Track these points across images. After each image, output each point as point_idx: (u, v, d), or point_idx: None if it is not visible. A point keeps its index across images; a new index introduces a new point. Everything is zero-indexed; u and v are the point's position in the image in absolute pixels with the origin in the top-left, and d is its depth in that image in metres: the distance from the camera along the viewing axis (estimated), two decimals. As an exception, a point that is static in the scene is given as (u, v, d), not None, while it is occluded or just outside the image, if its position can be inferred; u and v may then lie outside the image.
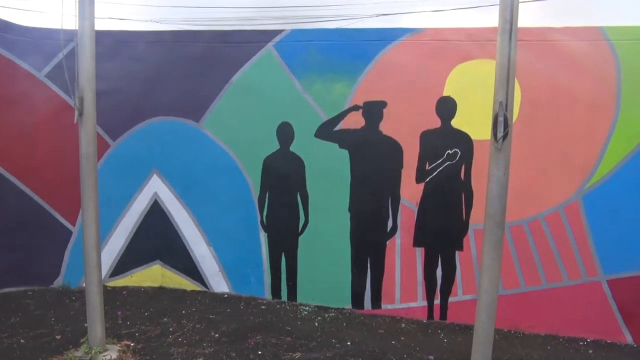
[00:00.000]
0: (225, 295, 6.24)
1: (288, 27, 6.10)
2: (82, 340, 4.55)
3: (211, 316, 5.54)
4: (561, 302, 5.37)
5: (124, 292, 6.19)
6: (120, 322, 5.27)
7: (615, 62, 5.14)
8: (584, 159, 5.26)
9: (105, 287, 5.88)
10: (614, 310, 5.27)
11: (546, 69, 5.27)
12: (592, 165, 5.24)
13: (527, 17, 5.13)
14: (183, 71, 6.13)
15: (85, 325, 4.54)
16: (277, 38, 5.90)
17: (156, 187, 6.31)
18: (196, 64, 6.10)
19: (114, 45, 6.14)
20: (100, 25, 4.66)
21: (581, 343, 5.24)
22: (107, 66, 5.96)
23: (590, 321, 5.32)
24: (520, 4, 3.66)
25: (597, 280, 5.30)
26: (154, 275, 6.40)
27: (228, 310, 5.77)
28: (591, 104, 5.21)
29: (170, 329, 5.17)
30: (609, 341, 5.27)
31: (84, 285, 4.54)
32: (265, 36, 5.97)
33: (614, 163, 5.20)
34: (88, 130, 4.27)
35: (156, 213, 6.32)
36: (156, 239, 6.34)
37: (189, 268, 6.34)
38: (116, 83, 6.15)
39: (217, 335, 5.05)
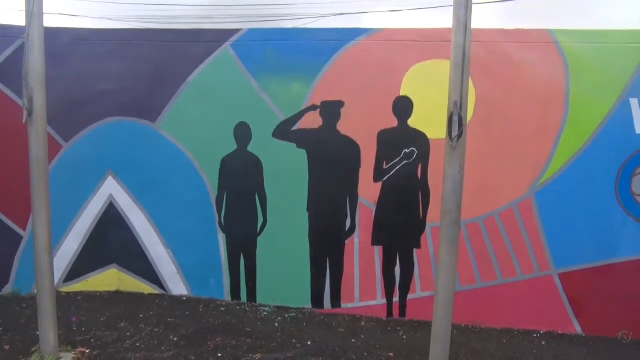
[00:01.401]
0: (184, 298, 6.15)
1: (247, 26, 6.05)
2: (33, 350, 4.40)
3: (170, 319, 5.45)
4: (516, 296, 5.52)
5: (79, 298, 6.01)
6: (74, 328, 5.12)
7: (564, 63, 5.31)
8: (536, 157, 5.42)
9: (58, 292, 5.68)
10: (564, 303, 5.46)
11: (500, 69, 5.40)
12: (544, 163, 5.40)
13: (482, 19, 5.24)
14: (138, 70, 5.99)
15: (37, 333, 4.39)
16: (234, 37, 5.84)
17: (111, 189, 6.16)
18: (152, 63, 5.98)
19: (66, 43, 5.95)
20: (51, 21, 4.52)
21: (535, 335, 5.41)
22: (59, 65, 5.78)
23: (543, 314, 5.50)
24: (474, 6, 3.72)
25: (549, 274, 5.47)
26: (110, 279, 6.24)
27: (187, 312, 5.69)
28: (542, 104, 5.37)
29: (128, 333, 5.07)
30: (560, 332, 5.46)
31: (35, 291, 4.40)
32: (221, 35, 5.90)
33: (564, 161, 5.38)
34: (38, 131, 4.14)
35: (112, 216, 6.16)
36: (112, 242, 6.18)
37: (147, 271, 6.21)
38: (69, 82, 5.96)
39: (176, 338, 4.98)
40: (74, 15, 6.76)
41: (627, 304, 5.32)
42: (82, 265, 6.20)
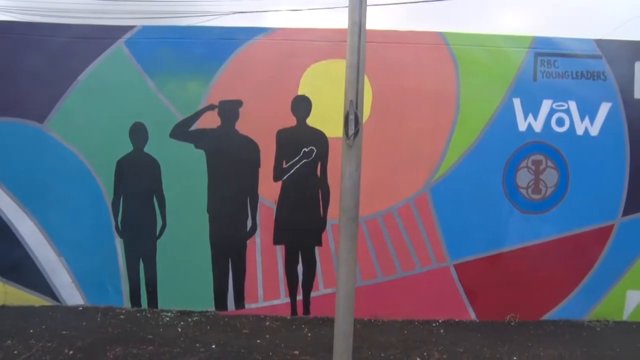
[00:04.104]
0: (80, 308, 5.84)
1: (143, 23, 5.83)
2: None
3: (64, 332, 5.16)
4: (415, 288, 5.73)
5: (-43, 317, 5.55)
6: (-50, 352, 4.72)
7: (454, 64, 5.58)
8: (430, 155, 5.65)
9: None
10: (460, 292, 5.75)
11: (394, 69, 5.57)
12: (438, 160, 5.65)
13: (377, 20, 5.38)
14: (23, 67, 5.62)
15: None
16: (128, 34, 5.62)
17: (-6, 195, 5.74)
18: (38, 60, 5.62)
19: None
20: None
21: (434, 324, 5.65)
22: None
23: (441, 303, 5.75)
24: (369, 8, 3.78)
25: (445, 265, 5.73)
26: (-5, 293, 5.81)
27: (83, 323, 5.41)
28: (435, 104, 5.61)
29: (15, 351, 4.71)
30: (457, 320, 5.75)
31: None
32: (114, 32, 5.66)
33: (456, 157, 5.65)
34: None
35: (-6, 224, 5.74)
36: (-4, 253, 5.76)
37: (37, 282, 5.82)
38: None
39: (71, 352, 4.72)
40: (-59, 4, 6.19)
41: (513, 289, 5.70)
42: (-39, 280, 5.73)
